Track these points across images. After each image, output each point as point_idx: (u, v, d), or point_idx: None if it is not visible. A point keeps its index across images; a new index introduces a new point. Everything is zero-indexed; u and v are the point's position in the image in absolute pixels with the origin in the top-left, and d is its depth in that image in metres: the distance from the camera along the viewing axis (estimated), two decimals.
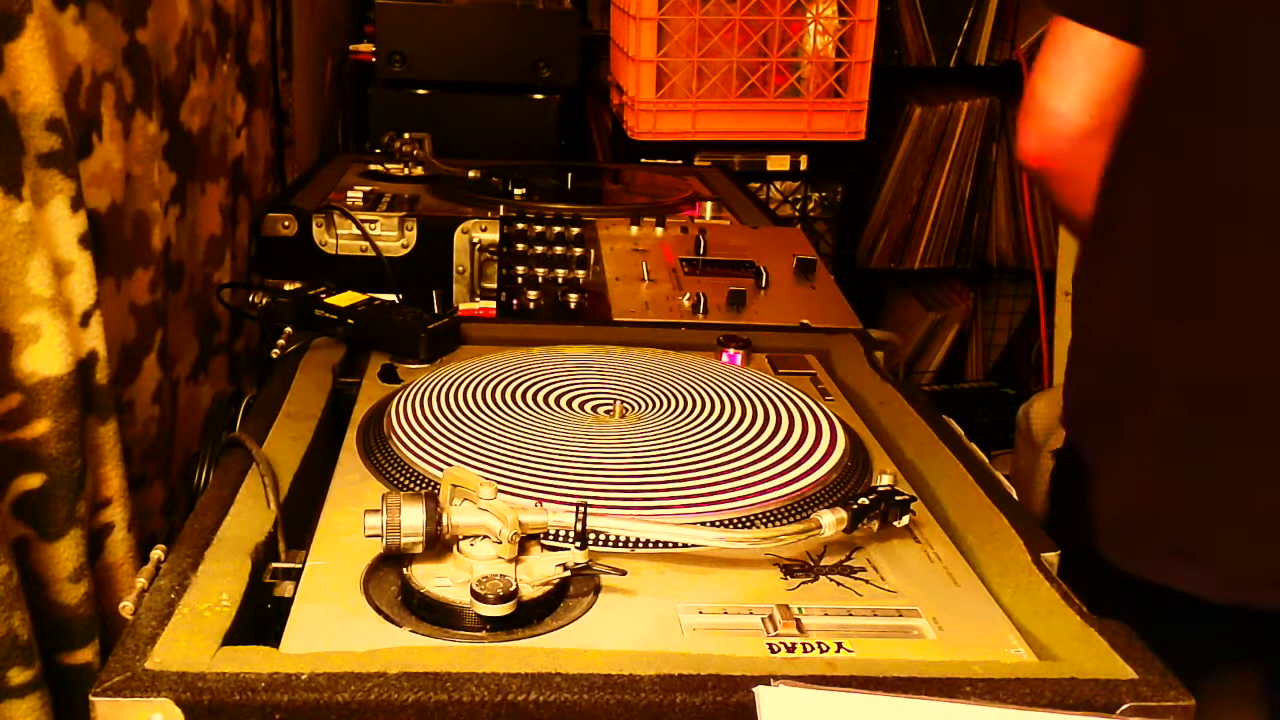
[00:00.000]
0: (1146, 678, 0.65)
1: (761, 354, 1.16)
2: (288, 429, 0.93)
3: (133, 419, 1.07)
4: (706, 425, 0.93)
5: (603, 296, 1.33)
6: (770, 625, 0.70)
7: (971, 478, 0.90)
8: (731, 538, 0.77)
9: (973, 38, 2.74)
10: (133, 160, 1.06)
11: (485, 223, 1.55)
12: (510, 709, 0.61)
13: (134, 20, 1.05)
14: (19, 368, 0.82)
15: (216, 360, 1.39)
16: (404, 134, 1.85)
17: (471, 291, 1.55)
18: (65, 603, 0.86)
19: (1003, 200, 2.86)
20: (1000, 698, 0.63)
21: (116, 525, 0.94)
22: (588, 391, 1.00)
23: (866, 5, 2.20)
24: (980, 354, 3.08)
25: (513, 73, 2.24)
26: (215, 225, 1.36)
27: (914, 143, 2.74)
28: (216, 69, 1.37)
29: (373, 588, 0.73)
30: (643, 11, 2.12)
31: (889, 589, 0.76)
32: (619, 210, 1.65)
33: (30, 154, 0.82)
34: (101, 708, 0.60)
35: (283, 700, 0.60)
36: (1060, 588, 0.75)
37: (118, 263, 1.04)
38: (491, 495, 0.71)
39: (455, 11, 2.27)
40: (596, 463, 0.85)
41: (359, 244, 1.53)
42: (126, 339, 1.06)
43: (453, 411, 0.93)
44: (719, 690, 0.62)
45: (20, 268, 0.80)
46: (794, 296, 1.36)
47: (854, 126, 2.26)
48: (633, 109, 2.20)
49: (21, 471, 0.83)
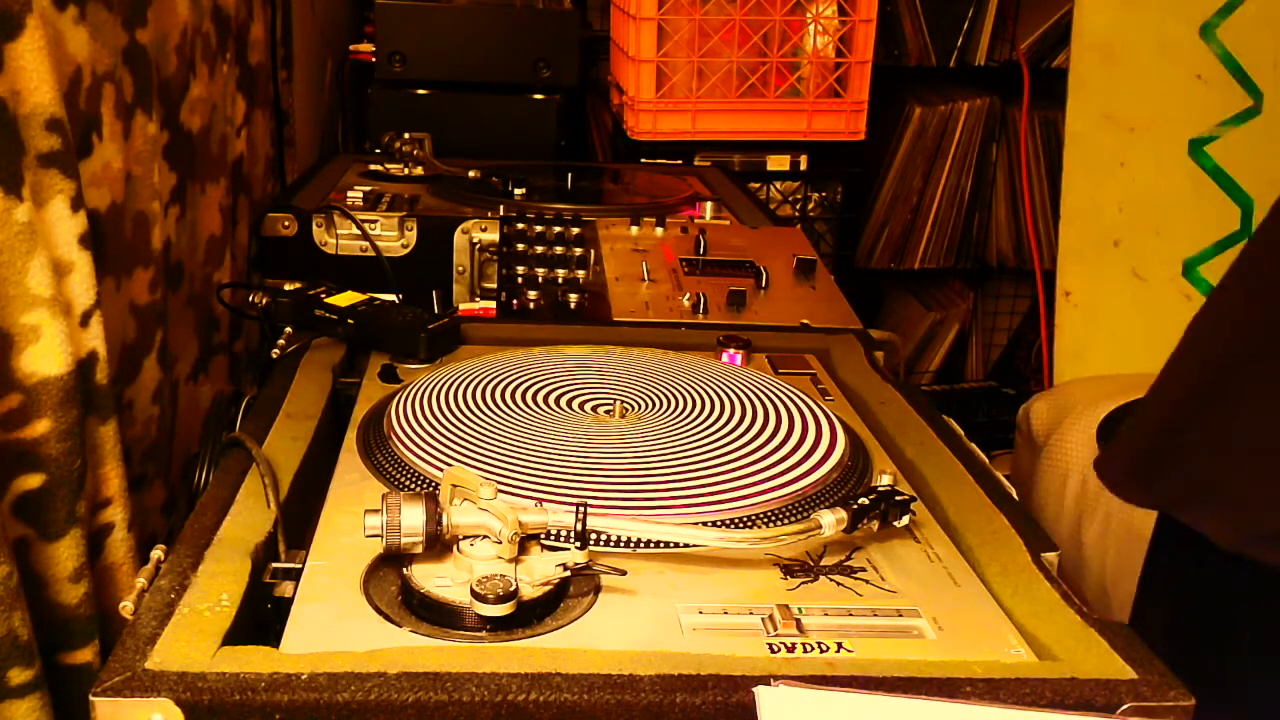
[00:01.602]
0: (1146, 678, 0.65)
1: (761, 354, 1.16)
2: (288, 429, 0.93)
3: (133, 419, 1.07)
4: (706, 425, 0.93)
5: (603, 296, 1.33)
6: (770, 625, 0.70)
7: (971, 478, 0.90)
8: (731, 538, 0.77)
9: (973, 38, 2.74)
10: (133, 160, 1.06)
11: (485, 223, 1.55)
12: (510, 709, 0.61)
13: (134, 20, 1.05)
14: (19, 368, 0.82)
15: (216, 360, 1.39)
16: (404, 134, 1.85)
17: (471, 291, 1.55)
18: (65, 603, 0.86)
19: (1003, 200, 2.86)
20: (1000, 698, 0.63)
21: (116, 525, 0.94)
22: (588, 391, 1.00)
23: (866, 5, 2.20)
24: (980, 354, 3.08)
25: (513, 73, 2.23)
26: (215, 225, 1.36)
27: (914, 143, 2.73)
28: (216, 69, 1.37)
29: (373, 588, 0.73)
30: (643, 11, 2.12)
31: (889, 589, 0.76)
32: (619, 210, 1.65)
33: (30, 154, 0.82)
34: (101, 708, 0.60)
35: (283, 700, 0.60)
36: (1060, 588, 0.75)
37: (118, 263, 1.04)
38: (491, 495, 0.71)
39: (455, 11, 2.27)
40: (596, 463, 0.85)
41: (359, 244, 1.53)
42: (126, 339, 1.06)
43: (453, 411, 0.93)
44: (719, 690, 0.62)
45: (20, 268, 0.80)
46: (794, 296, 1.36)
47: (854, 126, 2.26)
48: (633, 109, 2.20)
49: (21, 471, 0.83)
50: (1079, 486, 1.78)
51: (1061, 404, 1.94)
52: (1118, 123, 2.13)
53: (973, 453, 0.96)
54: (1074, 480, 1.79)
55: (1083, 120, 2.18)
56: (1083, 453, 1.79)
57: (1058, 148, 2.46)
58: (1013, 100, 2.73)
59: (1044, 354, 2.68)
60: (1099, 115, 2.16)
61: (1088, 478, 1.76)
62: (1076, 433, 1.82)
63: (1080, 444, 1.80)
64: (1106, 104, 2.16)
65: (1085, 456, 1.78)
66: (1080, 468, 1.79)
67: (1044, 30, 2.70)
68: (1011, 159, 2.81)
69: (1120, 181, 2.15)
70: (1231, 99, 2.05)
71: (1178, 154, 2.10)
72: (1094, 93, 2.16)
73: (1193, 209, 2.10)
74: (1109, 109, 2.15)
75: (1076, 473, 1.79)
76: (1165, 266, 2.13)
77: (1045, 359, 2.63)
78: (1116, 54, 2.13)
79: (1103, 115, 2.16)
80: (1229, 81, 2.04)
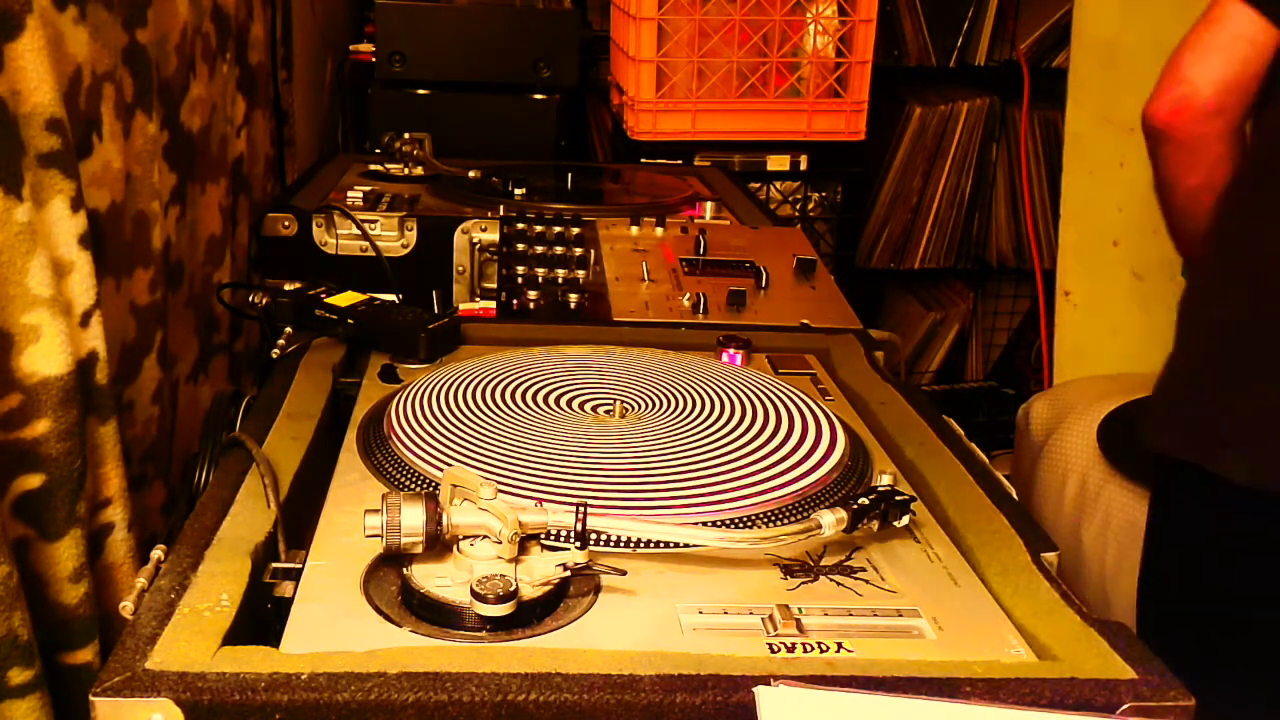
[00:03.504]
0: (1146, 678, 0.65)
1: (761, 354, 1.16)
2: (288, 429, 0.93)
3: (133, 419, 1.07)
4: (706, 425, 0.93)
5: (603, 296, 1.33)
6: (770, 625, 0.70)
7: (971, 478, 0.90)
8: (731, 538, 0.77)
9: (973, 38, 2.74)
10: (133, 160, 1.06)
11: (485, 223, 1.55)
12: (510, 709, 0.61)
13: (134, 20, 1.05)
14: (19, 368, 0.82)
15: (216, 360, 1.40)
16: (404, 134, 1.85)
17: (471, 291, 1.55)
18: (65, 603, 0.86)
19: (1003, 200, 2.86)
20: (1000, 698, 0.63)
21: (116, 525, 0.94)
22: (588, 391, 1.00)
23: (866, 5, 2.20)
24: (980, 354, 3.08)
25: (513, 73, 2.24)
26: (215, 225, 1.36)
27: (914, 143, 2.74)
28: (216, 69, 1.37)
29: (373, 588, 0.73)
30: (643, 11, 2.12)
31: (889, 589, 0.76)
32: (619, 210, 1.65)
33: (30, 154, 0.82)
34: (101, 708, 0.60)
35: (283, 700, 0.60)
36: (1060, 588, 0.75)
37: (118, 263, 1.04)
38: (491, 495, 0.71)
39: (455, 11, 2.27)
40: (596, 463, 0.85)
41: (359, 244, 1.53)
42: (126, 339, 1.06)
43: (453, 411, 0.93)
44: (719, 690, 0.62)
45: (20, 268, 0.80)
46: (794, 296, 1.36)
47: (854, 126, 2.26)
48: (633, 109, 2.20)
49: (21, 471, 0.83)
50: (1078, 486, 1.78)
51: (1061, 404, 1.94)
52: (1118, 123, 2.13)
53: (973, 453, 0.96)
54: (1073, 480, 1.79)
55: (1083, 120, 2.18)
56: (1083, 453, 1.79)
57: (1058, 148, 2.46)
58: (1013, 100, 2.73)
59: (1044, 354, 2.68)
60: (1099, 115, 2.16)
61: (1087, 478, 1.76)
62: (1076, 433, 1.82)
63: (1080, 444, 1.80)
64: (1106, 104, 2.16)
65: (1085, 457, 1.78)
66: (1080, 468, 1.79)
67: (1044, 30, 2.71)
68: (1011, 159, 2.81)
69: (1120, 181, 2.15)
70: None
71: None
72: (1094, 93, 2.16)
73: None
74: (1109, 109, 2.15)
75: (1076, 473, 1.79)
76: (1165, 266, 2.13)
77: (1045, 359, 2.63)
78: (1116, 54, 2.13)
79: (1103, 115, 2.16)
80: None
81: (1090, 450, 1.77)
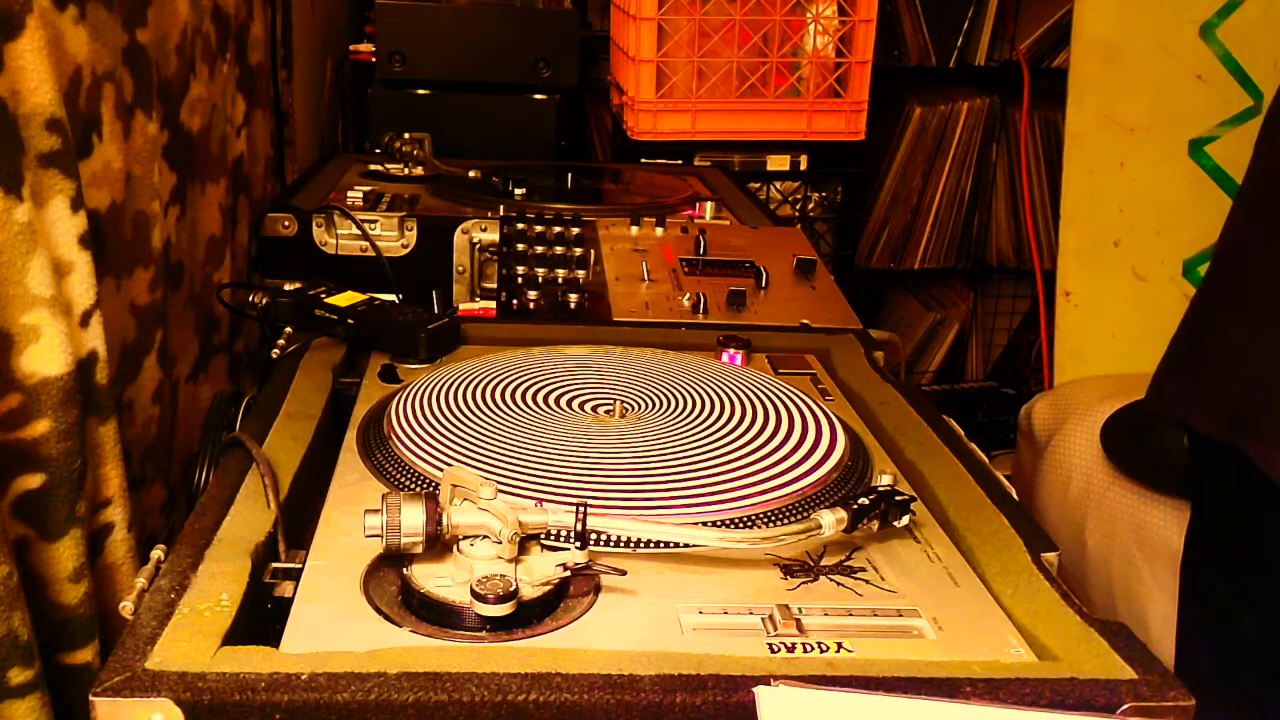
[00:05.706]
0: (1146, 678, 0.65)
1: (761, 354, 1.16)
2: (288, 429, 0.93)
3: (133, 419, 1.07)
4: (706, 425, 0.93)
5: (603, 296, 1.33)
6: (770, 625, 0.70)
7: (971, 478, 0.90)
8: (731, 538, 0.77)
9: (973, 38, 2.74)
10: (133, 160, 1.06)
11: (485, 223, 1.55)
12: (510, 709, 0.61)
13: (134, 20, 1.05)
14: (19, 368, 0.82)
15: (216, 360, 1.40)
16: (404, 134, 1.85)
17: (471, 291, 1.55)
18: (65, 603, 0.86)
19: (1003, 200, 2.86)
20: (1000, 698, 0.63)
21: (116, 525, 0.94)
22: (588, 391, 1.00)
23: (866, 5, 2.20)
24: (980, 354, 3.08)
25: (513, 73, 2.24)
26: (215, 225, 1.36)
27: (914, 143, 2.74)
28: (216, 69, 1.37)
29: (373, 588, 0.73)
30: (643, 11, 2.12)
31: (889, 589, 0.76)
32: (619, 210, 1.65)
33: (30, 154, 0.82)
34: (101, 708, 0.60)
35: (283, 700, 0.60)
36: (1060, 588, 0.75)
37: (118, 263, 1.04)
38: (491, 495, 0.71)
39: (455, 11, 2.27)
40: (596, 463, 0.85)
41: (359, 244, 1.53)
42: (126, 339, 1.06)
43: (453, 411, 0.93)
44: (719, 690, 0.62)
45: (20, 268, 0.80)
46: (794, 296, 1.36)
47: (854, 126, 2.26)
48: (633, 109, 2.20)
49: (21, 471, 0.83)
50: (1082, 488, 1.77)
51: (1063, 405, 1.94)
52: (1118, 123, 2.13)
53: (973, 453, 0.96)
54: (1077, 481, 1.79)
55: (1083, 120, 2.18)
56: (1086, 454, 1.79)
57: (1058, 148, 2.46)
58: (1013, 100, 2.73)
59: (1044, 354, 2.68)
60: (1099, 115, 2.16)
61: (1091, 479, 1.76)
62: (1079, 434, 1.82)
63: (1083, 445, 1.80)
64: (1106, 104, 2.15)
65: (1088, 458, 1.78)
66: (1083, 469, 1.78)
67: (1044, 30, 2.71)
68: (1011, 159, 2.81)
69: (1120, 181, 2.15)
70: (1231, 99, 2.05)
71: (1178, 154, 2.10)
72: (1094, 93, 2.16)
73: (1193, 209, 2.10)
74: (1109, 109, 2.15)
75: (1080, 474, 1.79)
76: (1165, 266, 2.13)
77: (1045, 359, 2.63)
78: (1116, 54, 2.13)
79: (1103, 115, 2.16)
80: (1229, 81, 2.04)
81: (1094, 452, 1.77)
